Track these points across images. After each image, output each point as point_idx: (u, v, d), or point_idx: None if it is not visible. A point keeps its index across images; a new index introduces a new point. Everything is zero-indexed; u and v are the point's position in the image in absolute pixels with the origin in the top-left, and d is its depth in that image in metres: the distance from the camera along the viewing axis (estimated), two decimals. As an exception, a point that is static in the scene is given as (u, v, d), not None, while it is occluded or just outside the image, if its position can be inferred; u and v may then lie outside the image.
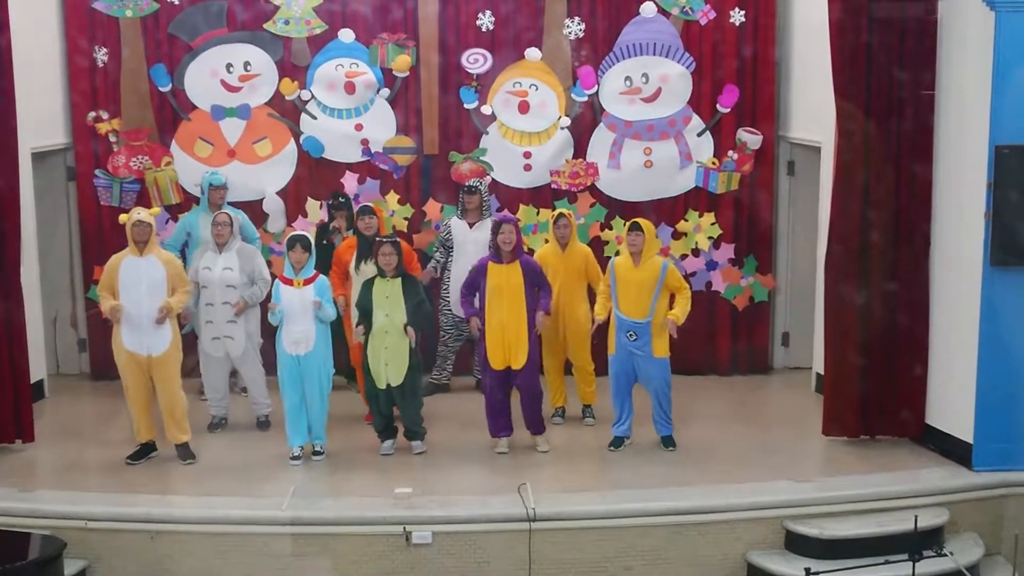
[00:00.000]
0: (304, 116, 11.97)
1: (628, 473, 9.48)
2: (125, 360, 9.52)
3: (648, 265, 9.67)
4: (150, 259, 9.48)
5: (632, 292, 9.65)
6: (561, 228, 10.31)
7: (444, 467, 9.59)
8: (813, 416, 10.27)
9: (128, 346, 9.48)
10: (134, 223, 9.43)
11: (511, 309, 9.63)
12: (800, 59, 11.79)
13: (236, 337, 10.30)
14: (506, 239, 9.64)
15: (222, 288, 10.21)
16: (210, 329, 10.30)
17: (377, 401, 9.74)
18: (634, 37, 11.91)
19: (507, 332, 9.66)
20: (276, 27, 11.85)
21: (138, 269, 9.44)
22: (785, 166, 12.27)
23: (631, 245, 9.69)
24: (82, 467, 9.77)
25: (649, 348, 9.68)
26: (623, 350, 9.76)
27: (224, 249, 10.25)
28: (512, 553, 8.50)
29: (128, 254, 9.50)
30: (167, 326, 9.50)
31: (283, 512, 8.57)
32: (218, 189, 11.02)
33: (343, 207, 11.16)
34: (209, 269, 10.21)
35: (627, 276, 9.68)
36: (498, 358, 9.71)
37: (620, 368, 9.82)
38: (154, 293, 9.42)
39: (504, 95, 11.99)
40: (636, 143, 11.98)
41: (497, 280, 9.66)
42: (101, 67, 11.82)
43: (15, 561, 7.56)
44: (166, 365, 9.54)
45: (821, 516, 8.76)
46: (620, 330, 9.74)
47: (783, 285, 12.40)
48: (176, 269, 9.61)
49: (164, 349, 9.50)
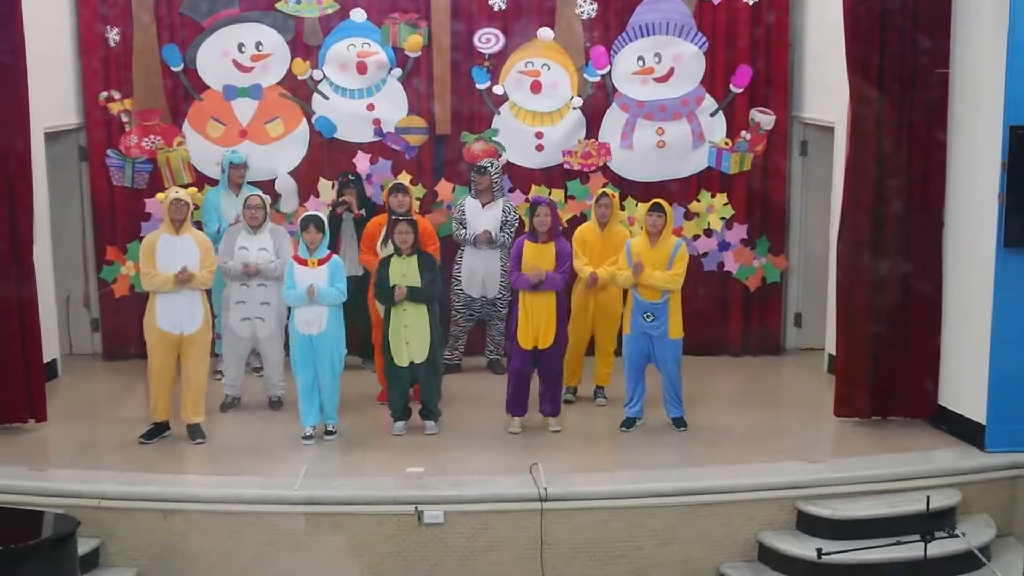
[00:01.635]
0: (316, 96, 11.96)
1: (640, 453, 9.49)
2: (156, 338, 9.54)
3: (664, 245, 9.65)
4: (185, 238, 9.51)
5: (648, 272, 9.63)
6: (602, 207, 10.26)
7: (456, 447, 9.60)
8: (825, 397, 10.25)
9: (161, 324, 9.50)
10: (172, 201, 9.46)
11: (543, 289, 9.63)
12: (813, 39, 11.73)
13: (267, 318, 10.30)
14: (542, 220, 9.66)
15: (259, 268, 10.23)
16: (241, 309, 10.28)
17: (397, 380, 9.75)
18: (647, 17, 11.87)
19: (538, 312, 9.66)
20: (288, 7, 11.82)
21: (174, 247, 9.46)
22: (798, 146, 12.23)
23: (651, 226, 9.65)
24: (95, 446, 9.82)
25: (665, 328, 9.67)
26: (639, 331, 9.74)
27: (258, 231, 10.25)
28: (524, 533, 8.51)
29: (164, 232, 9.53)
30: (200, 306, 9.53)
31: (295, 491, 8.59)
32: (238, 167, 11.04)
33: (352, 185, 11.17)
34: (245, 249, 10.19)
35: (644, 257, 9.64)
36: (528, 337, 9.70)
37: (635, 349, 9.81)
38: None
39: (516, 75, 11.96)
40: (649, 123, 11.95)
41: (531, 259, 9.65)
42: (113, 47, 11.81)
43: (29, 539, 7.56)
44: (197, 344, 9.57)
45: (833, 497, 8.75)
46: (637, 311, 9.72)
47: (795, 266, 12.37)
48: (208, 249, 9.64)
49: (197, 328, 9.54)
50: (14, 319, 9.72)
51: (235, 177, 11.02)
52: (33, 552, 7.43)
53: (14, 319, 9.72)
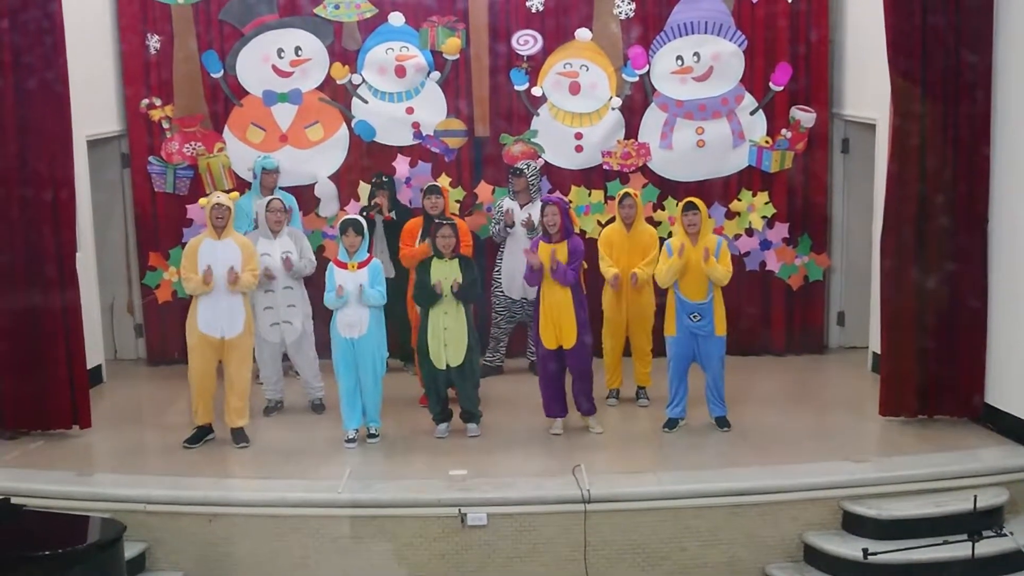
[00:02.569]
0: (355, 100, 11.99)
1: (683, 454, 9.45)
2: (197, 341, 9.59)
3: (704, 244, 9.60)
4: (227, 242, 9.55)
5: (691, 272, 9.58)
6: (626, 208, 10.24)
7: (498, 449, 9.60)
8: (870, 396, 10.17)
9: (203, 328, 9.55)
10: (213, 206, 9.52)
11: (559, 289, 9.60)
12: (854, 35, 11.65)
13: (294, 322, 10.34)
14: (549, 221, 9.62)
15: (283, 273, 10.25)
16: (269, 315, 10.31)
17: (435, 383, 9.76)
18: (685, 16, 11.82)
19: (556, 311, 9.64)
20: (326, 11, 11.87)
21: (215, 251, 9.51)
22: (839, 144, 12.15)
23: (689, 225, 9.60)
24: (140, 451, 9.89)
25: (712, 327, 9.64)
26: (685, 331, 9.69)
27: (278, 235, 10.29)
28: (567, 535, 8.49)
29: (206, 237, 9.58)
30: (241, 310, 9.57)
31: (339, 495, 8.61)
32: (271, 173, 11.07)
33: (384, 187, 11.20)
34: (269, 255, 10.23)
35: (685, 256, 9.60)
36: (550, 337, 9.69)
37: (680, 350, 9.76)
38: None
39: (555, 76, 11.94)
40: (688, 122, 11.90)
41: (546, 259, 9.64)
42: (154, 54, 11.90)
43: (76, 544, 7.62)
44: (238, 348, 9.61)
45: (879, 496, 8.67)
46: (682, 312, 9.66)
47: (838, 264, 12.29)
48: (250, 251, 9.68)
49: (239, 331, 9.58)
50: (58, 326, 9.80)
51: (267, 182, 11.05)
52: (80, 557, 7.48)
53: (58, 326, 9.80)
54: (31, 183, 9.59)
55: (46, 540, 7.73)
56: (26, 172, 9.58)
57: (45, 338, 9.76)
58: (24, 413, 9.86)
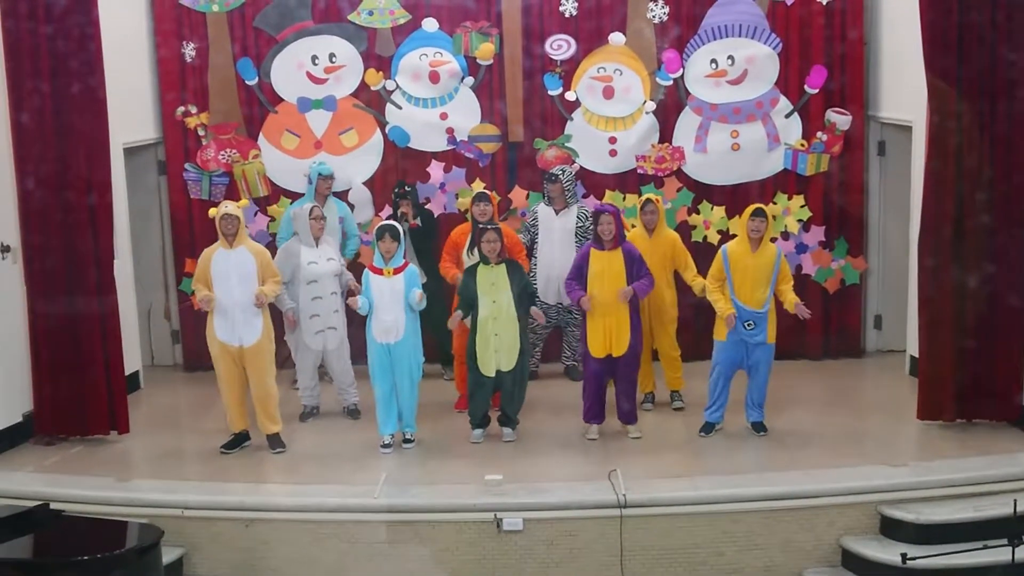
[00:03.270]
0: (389, 106, 12.02)
1: (719, 459, 9.41)
2: (218, 350, 9.64)
3: (765, 252, 9.56)
4: (240, 251, 9.58)
5: (749, 279, 9.53)
6: (648, 213, 10.23)
7: (534, 454, 9.59)
8: (908, 400, 10.10)
9: (220, 336, 9.60)
10: (222, 216, 9.54)
11: (612, 296, 9.57)
12: (889, 36, 11.59)
13: (339, 328, 10.36)
14: (604, 229, 9.57)
15: (330, 279, 10.28)
16: (315, 323, 10.31)
17: (481, 389, 9.76)
18: (719, 19, 11.79)
19: (608, 319, 9.60)
20: (360, 18, 11.91)
21: (228, 261, 9.55)
22: (875, 146, 12.08)
23: (754, 231, 9.52)
24: (177, 456, 9.94)
25: (764, 336, 9.60)
26: (736, 338, 9.62)
27: (320, 242, 10.33)
28: (603, 539, 8.48)
29: (219, 247, 9.61)
30: (259, 317, 9.59)
31: (375, 500, 8.62)
32: (326, 179, 11.08)
33: (407, 195, 11.22)
34: (315, 263, 10.24)
35: (744, 263, 9.54)
36: (599, 345, 9.65)
37: (729, 356, 9.69)
38: (245, 284, 9.52)
39: (588, 81, 11.93)
40: (723, 126, 11.87)
41: (599, 267, 9.60)
42: (189, 62, 11.98)
43: (114, 549, 7.69)
44: (258, 356, 9.63)
45: (917, 501, 8.61)
46: (736, 319, 9.61)
47: (875, 267, 12.22)
48: (265, 259, 9.70)
49: (256, 340, 9.60)
50: (97, 332, 9.88)
51: (322, 188, 11.06)
52: (119, 561, 7.56)
53: (97, 332, 9.88)
54: (70, 190, 9.69)
55: (85, 545, 7.81)
56: (65, 179, 9.68)
57: (84, 344, 9.85)
58: (63, 418, 9.95)
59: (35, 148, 9.64)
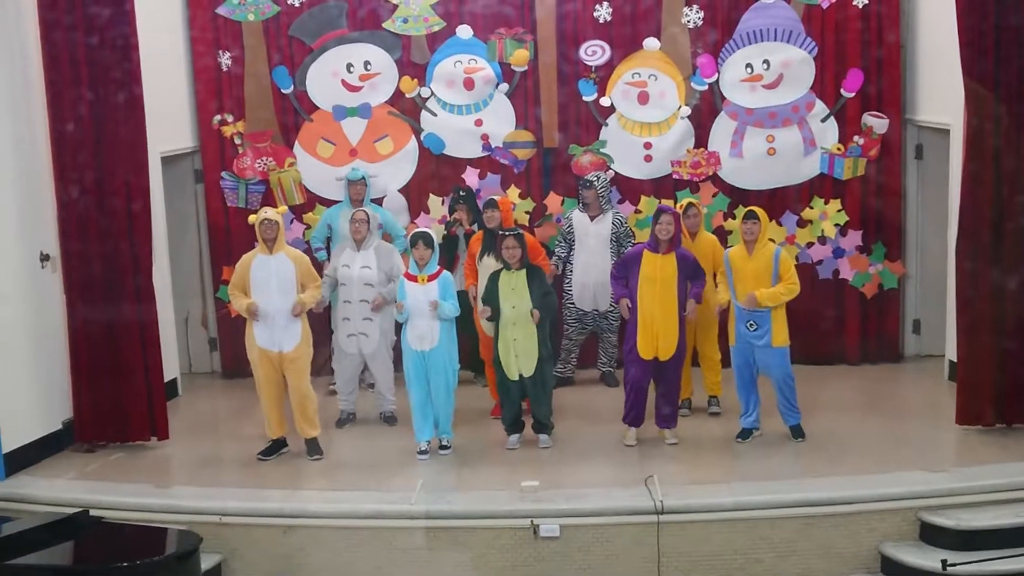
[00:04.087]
0: (424, 113, 12.05)
1: (757, 464, 9.37)
2: (257, 356, 9.69)
3: (761, 253, 9.54)
4: (279, 256, 9.63)
5: (749, 281, 9.52)
6: (690, 217, 10.21)
7: (570, 460, 9.58)
8: (946, 405, 10.03)
9: (260, 343, 9.65)
10: (262, 221, 9.58)
11: (663, 299, 9.55)
12: (926, 39, 11.52)
13: (370, 334, 10.40)
14: (664, 229, 9.52)
15: (360, 286, 10.32)
16: (346, 326, 10.41)
17: (508, 393, 9.77)
18: (754, 23, 11.76)
19: (657, 322, 9.58)
20: (395, 26, 11.95)
21: (268, 267, 9.59)
22: (913, 150, 12.01)
23: (746, 233, 9.55)
24: (216, 463, 9.99)
25: (768, 337, 9.55)
26: (743, 341, 9.63)
27: (362, 247, 10.35)
28: (640, 546, 8.45)
29: (258, 253, 9.66)
30: (298, 323, 9.63)
31: (412, 506, 8.64)
32: (355, 184, 11.13)
33: (464, 200, 11.23)
34: (348, 267, 10.32)
35: (743, 266, 9.56)
36: (647, 347, 9.63)
37: (741, 359, 9.71)
38: (284, 290, 9.57)
39: (623, 86, 11.93)
40: (758, 131, 11.83)
41: (651, 269, 9.58)
42: (225, 71, 12.06)
43: (154, 556, 7.73)
44: (297, 361, 9.67)
45: (957, 507, 8.53)
46: (740, 320, 9.61)
47: (913, 271, 12.14)
48: (305, 265, 9.74)
49: (295, 345, 9.63)
50: (136, 339, 9.96)
51: (354, 194, 11.12)
52: (158, 568, 7.60)
53: (136, 339, 9.96)
54: (109, 198, 9.80)
55: (124, 552, 7.86)
56: (104, 187, 9.78)
57: (123, 351, 9.93)
58: (103, 425, 10.04)
59: (75, 157, 9.74)
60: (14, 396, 9.48)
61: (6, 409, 9.36)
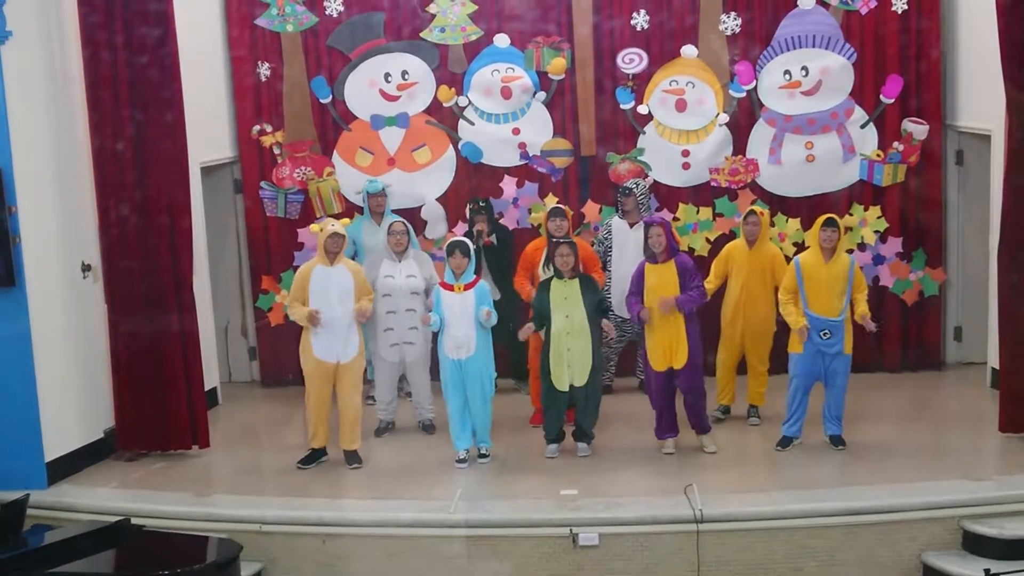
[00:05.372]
0: (462, 122, 12.08)
1: (797, 473, 9.31)
2: (313, 367, 9.71)
3: (838, 261, 9.49)
4: (339, 268, 9.66)
5: (824, 290, 9.45)
6: (750, 225, 10.17)
7: (609, 469, 9.56)
8: (989, 413, 9.95)
9: (318, 354, 9.66)
10: (329, 235, 9.61)
11: (684, 311, 9.55)
12: (966, 45, 11.44)
13: (416, 342, 10.39)
14: (654, 242, 9.55)
15: (406, 296, 10.30)
16: (389, 336, 10.38)
17: (555, 403, 9.75)
18: (792, 30, 11.72)
19: (665, 333, 9.57)
20: (432, 35, 11.99)
21: (329, 278, 9.62)
22: (953, 156, 11.93)
23: (826, 241, 9.47)
24: (256, 472, 10.05)
25: (841, 345, 9.50)
26: (813, 349, 9.54)
27: (403, 257, 10.38)
28: (680, 554, 8.42)
29: (318, 263, 9.69)
30: (356, 334, 9.67)
31: (451, 515, 8.64)
32: (375, 196, 11.17)
33: (483, 211, 11.24)
34: (392, 277, 10.30)
35: (817, 273, 9.48)
36: (659, 359, 9.62)
37: (806, 368, 9.61)
38: (344, 301, 9.60)
39: (660, 94, 11.91)
40: (797, 137, 11.78)
41: (653, 280, 9.58)
42: (264, 82, 12.13)
43: (195, 564, 7.77)
44: (352, 372, 9.71)
45: (1000, 516, 8.45)
46: (813, 329, 9.49)
47: (954, 278, 12.05)
48: (362, 278, 9.78)
49: (353, 356, 9.67)
50: (177, 349, 10.03)
51: (373, 206, 11.16)
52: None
53: (177, 349, 10.03)
54: (151, 214, 9.85)
55: (166, 560, 7.89)
56: (146, 203, 9.84)
57: (165, 361, 9.99)
58: (145, 434, 10.10)
59: (116, 173, 9.79)
60: (56, 405, 9.54)
61: (48, 418, 9.43)
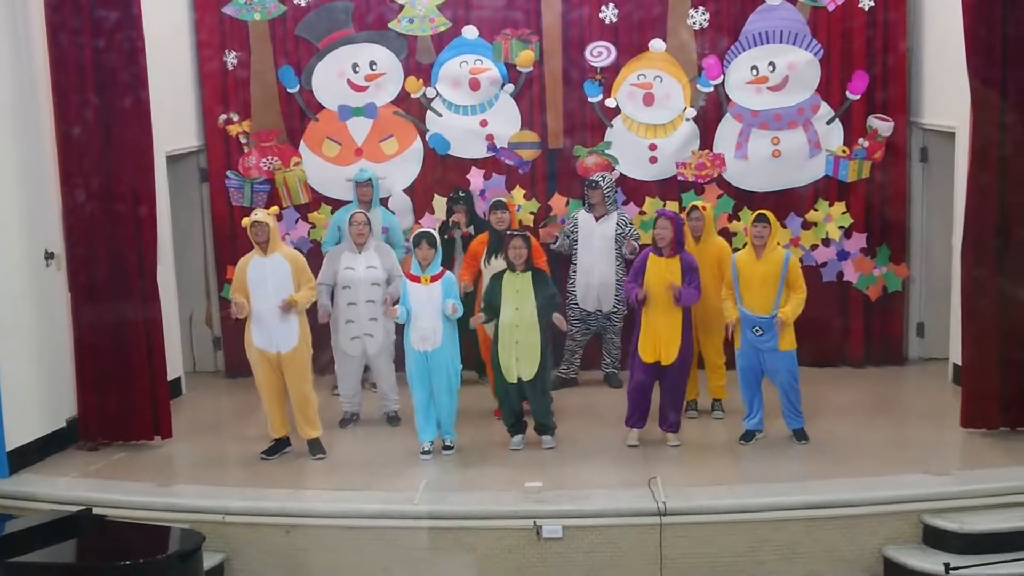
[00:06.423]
0: (430, 113, 12.06)
1: (760, 466, 9.36)
2: (256, 357, 9.69)
3: (771, 257, 9.51)
4: (274, 258, 9.61)
5: (756, 286, 9.50)
6: (694, 220, 10.17)
7: (573, 461, 9.57)
8: (951, 408, 10.02)
9: (258, 343, 9.65)
10: (252, 224, 9.58)
11: (666, 303, 9.52)
12: (932, 42, 11.51)
13: (376, 335, 10.38)
14: (660, 234, 9.55)
15: (367, 287, 10.29)
16: (350, 328, 10.38)
17: (507, 396, 9.76)
18: (760, 25, 11.75)
19: (660, 326, 9.56)
20: (401, 26, 11.96)
21: (263, 268, 9.59)
22: (918, 152, 12.00)
23: (756, 237, 9.53)
24: (219, 462, 10.00)
25: (775, 342, 9.52)
26: (749, 345, 9.61)
27: (363, 248, 10.35)
28: (643, 547, 8.44)
29: (254, 255, 9.65)
30: (295, 323, 9.63)
31: (415, 506, 8.64)
32: (362, 185, 11.14)
33: (462, 201, 11.23)
34: (352, 269, 10.29)
35: (750, 270, 9.54)
36: (648, 351, 9.61)
37: (747, 363, 9.69)
38: (280, 290, 9.55)
39: (628, 87, 11.93)
40: (763, 132, 11.82)
41: (655, 272, 9.55)
42: (231, 70, 12.06)
43: (156, 554, 7.73)
44: (295, 362, 9.67)
45: (961, 510, 8.52)
46: (746, 325, 9.58)
47: (918, 274, 12.12)
48: (300, 265, 9.71)
49: (293, 346, 9.63)
50: (141, 338, 9.97)
51: (361, 195, 11.13)
52: (160, 566, 7.59)
53: (141, 338, 9.97)
54: (115, 201, 9.79)
55: (127, 550, 7.85)
56: (110, 190, 9.78)
57: (128, 351, 9.94)
58: (107, 424, 10.04)
59: (81, 160, 9.74)
60: (18, 394, 9.47)
61: (10, 406, 9.36)
